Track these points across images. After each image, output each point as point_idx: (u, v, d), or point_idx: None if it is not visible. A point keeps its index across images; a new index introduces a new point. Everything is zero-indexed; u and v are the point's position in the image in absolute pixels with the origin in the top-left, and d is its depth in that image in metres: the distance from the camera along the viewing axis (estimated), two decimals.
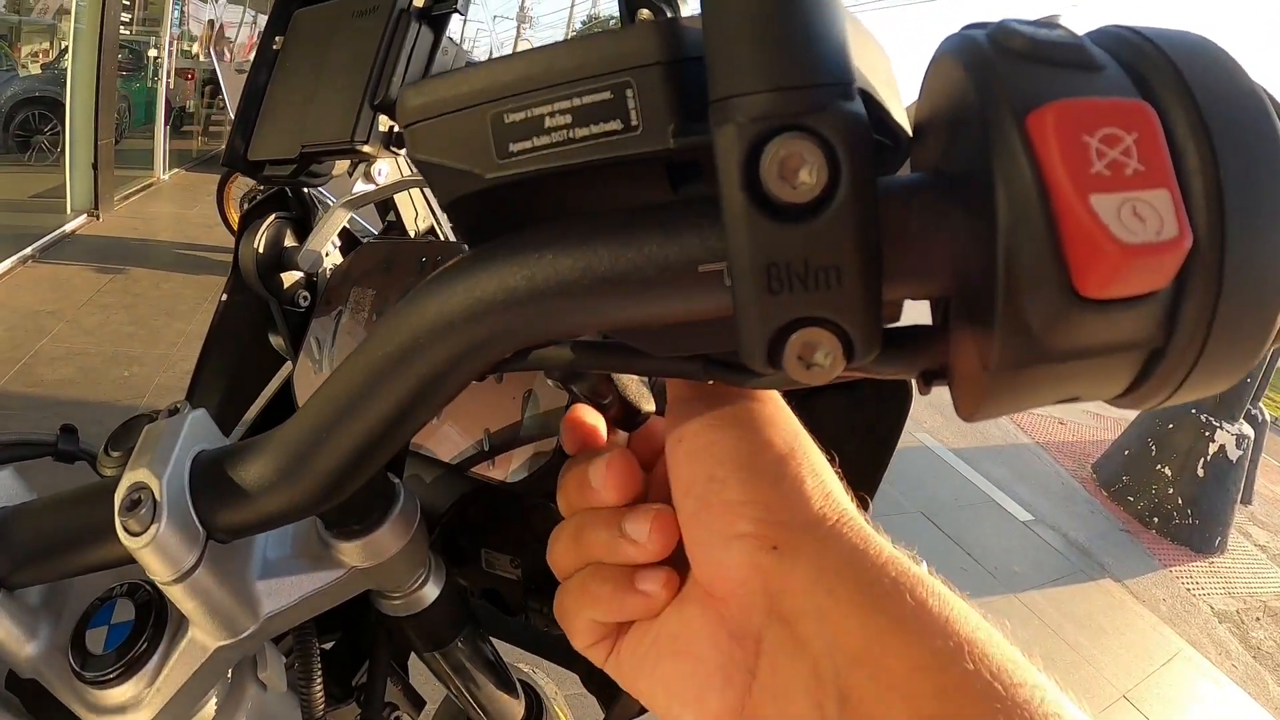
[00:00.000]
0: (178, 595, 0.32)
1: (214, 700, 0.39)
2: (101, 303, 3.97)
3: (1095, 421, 6.39)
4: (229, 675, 0.40)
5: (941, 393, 0.26)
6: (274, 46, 0.55)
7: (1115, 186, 0.16)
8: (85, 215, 5.17)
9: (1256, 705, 3.02)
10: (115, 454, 0.43)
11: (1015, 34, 0.18)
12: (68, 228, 4.93)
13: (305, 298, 0.62)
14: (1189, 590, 3.79)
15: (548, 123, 0.21)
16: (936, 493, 4.11)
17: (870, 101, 0.19)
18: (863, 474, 0.46)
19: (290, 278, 0.61)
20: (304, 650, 0.45)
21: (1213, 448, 4.31)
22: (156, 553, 0.30)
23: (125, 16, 5.75)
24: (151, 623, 0.35)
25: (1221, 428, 4.31)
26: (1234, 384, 0.20)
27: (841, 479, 0.28)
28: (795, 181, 0.18)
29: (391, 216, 0.75)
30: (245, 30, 9.29)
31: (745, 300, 0.19)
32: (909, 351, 0.22)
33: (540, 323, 0.23)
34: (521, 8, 38.30)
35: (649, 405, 0.34)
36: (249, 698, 0.41)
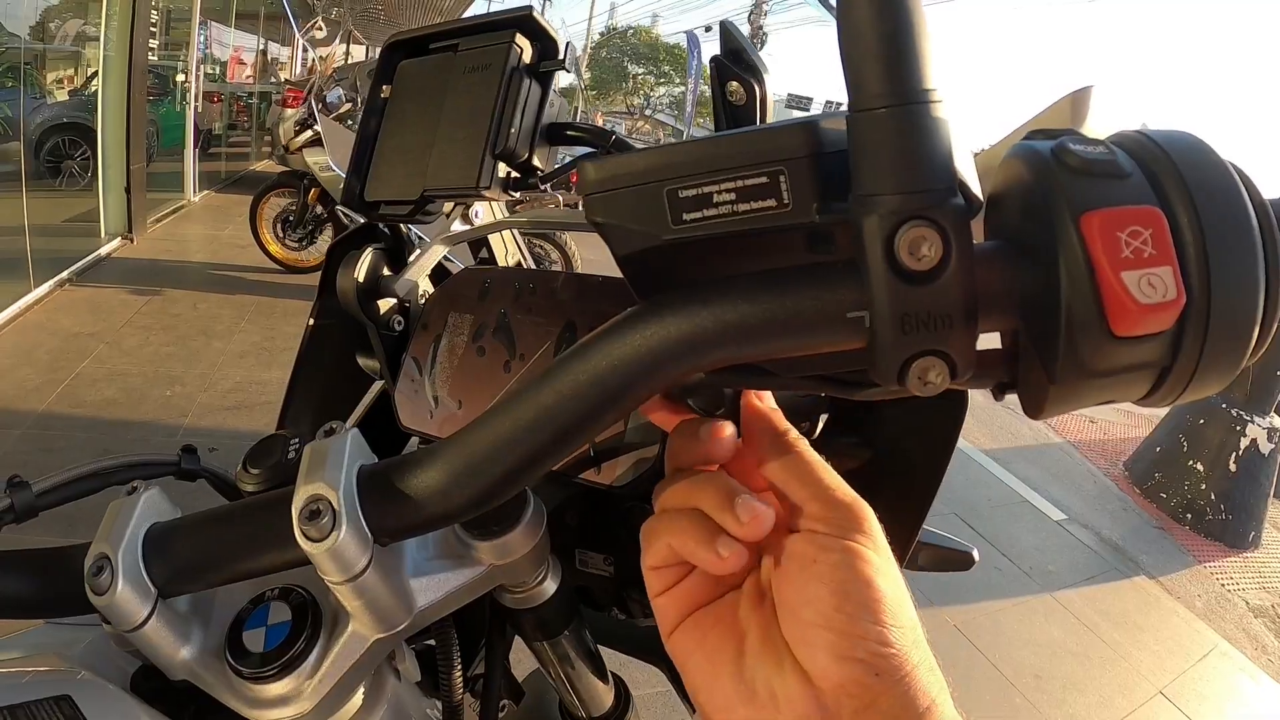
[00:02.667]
0: (345, 594, 0.36)
1: (360, 690, 0.44)
2: (140, 324, 4.07)
3: (1125, 419, 6.30)
4: None
5: (974, 398, 0.32)
6: (382, 95, 0.60)
7: (1137, 265, 0.24)
8: (119, 238, 5.30)
9: None
10: (254, 471, 0.48)
11: (1070, 153, 0.26)
12: (103, 251, 5.05)
13: (399, 322, 0.66)
14: (1223, 586, 3.77)
15: (716, 199, 0.27)
16: (970, 494, 4.14)
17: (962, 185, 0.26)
18: (924, 469, 0.51)
19: (385, 304, 0.65)
20: (444, 642, 0.49)
21: (1244, 442, 4.28)
22: (334, 558, 0.34)
23: (152, 43, 5.87)
24: (309, 622, 0.40)
25: (1253, 422, 4.29)
26: (1226, 386, 0.27)
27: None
28: (920, 255, 0.25)
29: (484, 253, 0.81)
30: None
31: (883, 340, 0.26)
32: (989, 369, 0.28)
33: (716, 355, 0.28)
34: None
35: None
36: (389, 687, 0.46)
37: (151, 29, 5.56)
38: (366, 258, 0.62)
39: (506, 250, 0.82)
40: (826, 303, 0.27)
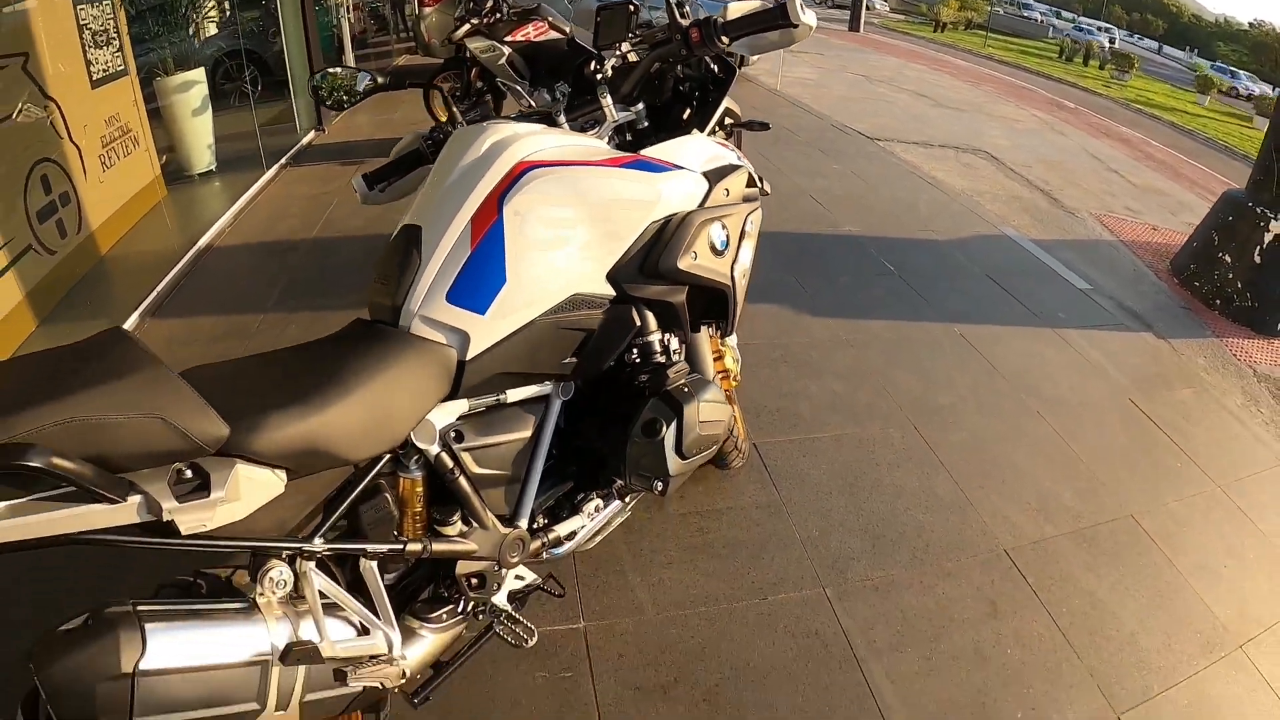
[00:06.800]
0: None
1: None
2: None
3: (1190, 229, 6.31)
4: None
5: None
6: (597, 20, 1.61)
7: None
8: (313, 130, 6.58)
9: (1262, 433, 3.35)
10: None
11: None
12: (303, 141, 6.33)
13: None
14: (1234, 355, 4.12)
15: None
16: (1004, 262, 4.74)
17: None
18: (718, 88, 1.67)
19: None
20: None
21: (1268, 237, 4.68)
22: None
23: None
24: None
25: (1276, 219, 4.67)
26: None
27: None
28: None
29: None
30: None
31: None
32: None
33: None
34: None
35: None
36: None
37: None
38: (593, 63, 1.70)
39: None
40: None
